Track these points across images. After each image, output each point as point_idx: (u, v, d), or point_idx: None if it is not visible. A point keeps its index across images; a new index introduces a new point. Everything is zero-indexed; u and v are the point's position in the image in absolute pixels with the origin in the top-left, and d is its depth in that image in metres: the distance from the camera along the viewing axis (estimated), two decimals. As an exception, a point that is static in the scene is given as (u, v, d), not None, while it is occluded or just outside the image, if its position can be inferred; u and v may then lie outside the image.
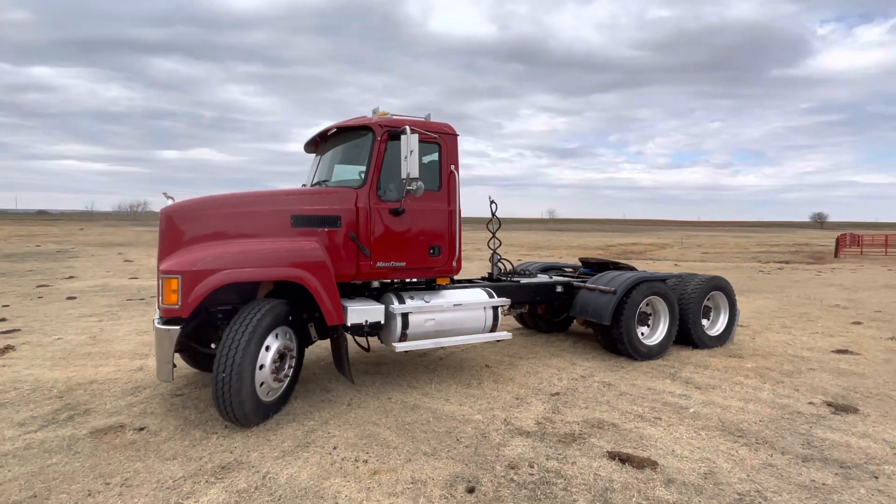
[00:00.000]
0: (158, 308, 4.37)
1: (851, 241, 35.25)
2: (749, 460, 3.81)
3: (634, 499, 3.25)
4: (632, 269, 7.89)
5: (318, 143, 6.05)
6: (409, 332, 5.17)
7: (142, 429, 4.32)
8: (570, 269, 8.56)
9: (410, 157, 4.71)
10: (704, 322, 7.39)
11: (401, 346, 5.07)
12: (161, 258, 4.49)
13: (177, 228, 4.56)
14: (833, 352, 7.14)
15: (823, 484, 3.46)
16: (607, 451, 3.92)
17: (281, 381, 4.59)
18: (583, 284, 6.97)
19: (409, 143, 4.70)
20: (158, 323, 4.23)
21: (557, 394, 5.28)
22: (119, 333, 7.98)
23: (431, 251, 5.41)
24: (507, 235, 54.50)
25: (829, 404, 4.99)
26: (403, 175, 4.77)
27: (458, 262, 5.62)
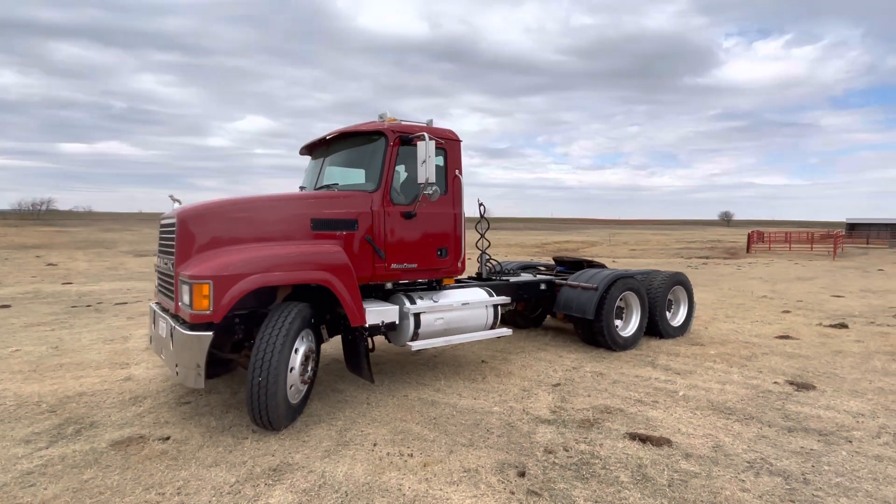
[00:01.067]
0: (181, 314, 4.29)
1: (758, 237, 38.85)
2: (744, 434, 4.35)
3: (666, 472, 3.65)
4: (603, 266, 8.47)
5: (320, 147, 6.05)
6: (420, 331, 5.35)
7: (166, 438, 4.22)
8: (543, 267, 9.03)
9: (428, 163, 4.89)
10: (668, 314, 8.09)
11: (417, 345, 5.24)
12: (180, 263, 4.40)
13: (195, 232, 4.47)
14: (776, 338, 8.06)
15: (812, 449, 4.03)
16: (625, 433, 4.32)
17: (305, 382, 4.62)
18: (564, 282, 7.43)
19: (427, 149, 4.88)
20: (184, 329, 4.16)
21: (558, 384, 5.66)
22: (83, 343, 7.52)
23: (439, 253, 5.61)
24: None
25: (791, 383, 5.71)
26: (421, 179, 4.94)
27: (463, 262, 5.86)
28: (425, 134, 4.93)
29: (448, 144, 5.67)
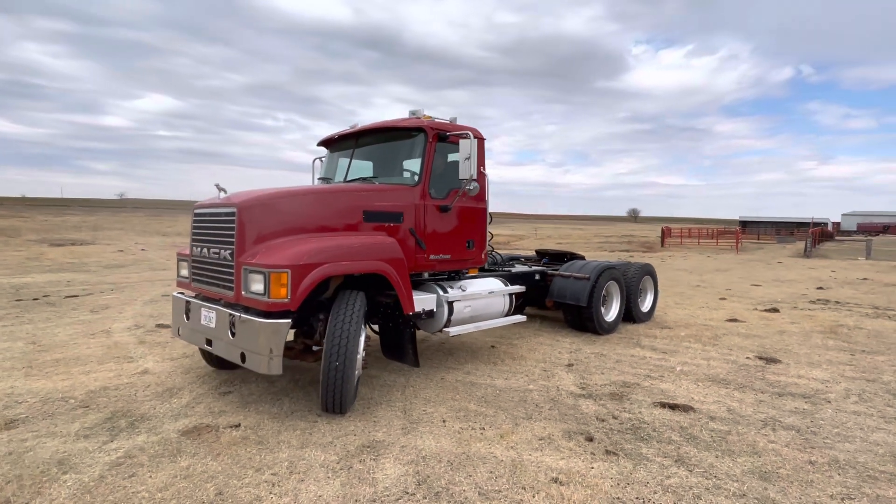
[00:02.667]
0: (247, 302, 4.32)
1: (668, 233, 42.46)
2: (746, 399, 5.13)
3: (704, 431, 4.29)
4: (583, 258, 9.20)
5: (348, 140, 6.14)
6: (452, 318, 5.68)
7: (237, 426, 4.26)
8: (524, 259, 9.63)
9: (471, 159, 5.22)
10: (639, 301, 8.97)
11: (453, 331, 5.57)
12: (241, 252, 4.43)
13: (257, 222, 4.51)
14: (727, 321, 9.20)
15: (804, 409, 4.88)
16: (652, 403, 4.95)
17: (361, 367, 4.82)
18: (556, 272, 8.04)
19: (472, 146, 5.21)
20: (256, 317, 4.22)
21: (571, 365, 6.23)
22: (62, 338, 7.07)
23: (468, 244, 5.96)
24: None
25: (760, 358, 6.68)
26: (464, 175, 5.26)
27: (486, 254, 6.25)
28: (469, 132, 5.26)
29: (456, 140, 6.01)
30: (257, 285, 4.23)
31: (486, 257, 6.28)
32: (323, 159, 6.94)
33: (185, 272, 5.44)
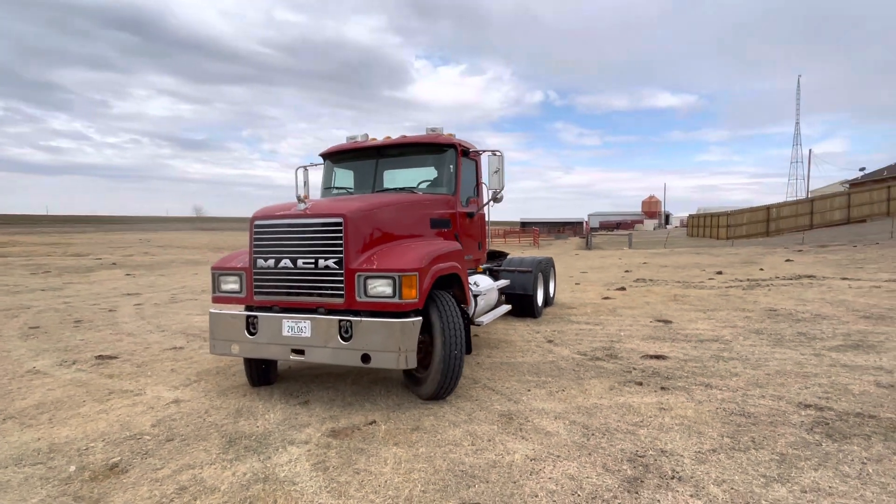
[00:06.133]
0: (367, 306, 4.59)
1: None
2: (686, 347, 7.11)
3: (693, 368, 6.03)
4: (507, 255, 10.70)
5: (368, 152, 6.44)
6: (477, 310, 6.55)
7: (373, 422, 4.52)
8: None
9: (500, 172, 6.18)
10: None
11: (484, 320, 6.41)
12: (352, 259, 4.67)
13: (364, 230, 4.81)
14: (603, 298, 11.69)
15: (722, 347, 7.05)
16: (641, 356, 6.59)
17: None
18: (501, 268, 9.34)
19: (502, 161, 6.18)
20: (384, 318, 4.55)
21: (552, 341, 7.59)
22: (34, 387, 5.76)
23: (479, 246, 6.86)
24: (170, 237, 48.57)
25: (659, 321, 8.96)
26: (494, 186, 6.19)
27: (486, 254, 7.21)
28: (500, 151, 6.22)
29: (477, 156, 6.95)
30: (384, 288, 4.56)
31: (486, 257, 7.25)
32: (308, 168, 7.05)
33: (231, 286, 5.22)
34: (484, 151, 6.31)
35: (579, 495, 3.24)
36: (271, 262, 4.97)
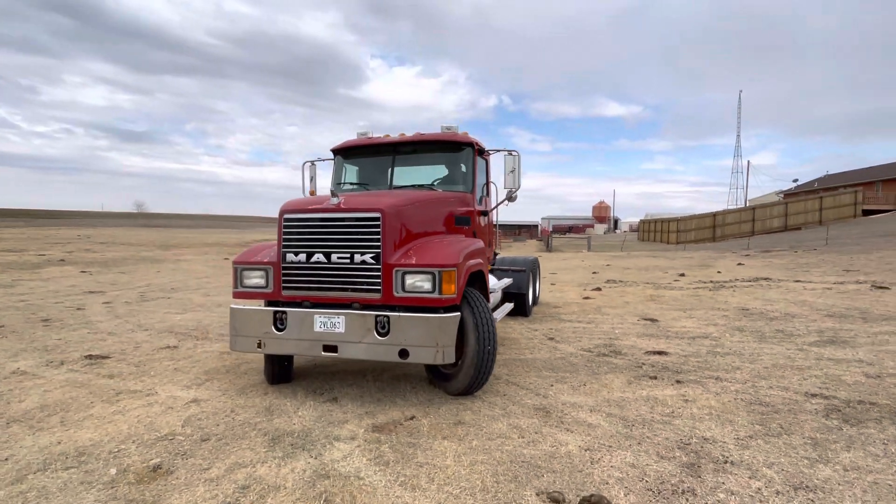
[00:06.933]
0: (403, 301, 4.58)
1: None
2: (681, 344, 7.47)
3: (696, 363, 6.34)
4: (498, 254, 10.83)
5: (382, 148, 6.39)
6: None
7: (412, 417, 4.51)
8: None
9: (517, 172, 6.30)
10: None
11: (497, 317, 6.50)
12: (389, 254, 4.66)
13: (399, 226, 4.80)
14: (584, 299, 12.05)
15: (713, 343, 7.44)
16: (643, 352, 6.86)
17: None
18: (495, 267, 9.46)
19: (517, 161, 6.29)
20: (424, 313, 4.55)
21: (552, 339, 7.77)
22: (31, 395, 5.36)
23: (490, 244, 6.95)
24: (110, 233, 45.88)
25: (645, 319, 9.35)
26: (510, 185, 6.29)
27: (493, 253, 7.29)
28: (517, 151, 6.33)
29: (488, 156, 7.04)
30: (423, 284, 4.56)
31: (493, 257, 7.34)
32: (315, 163, 6.95)
33: (256, 281, 5.08)
34: (499, 151, 6.41)
35: (647, 481, 3.37)
36: (302, 256, 4.86)
